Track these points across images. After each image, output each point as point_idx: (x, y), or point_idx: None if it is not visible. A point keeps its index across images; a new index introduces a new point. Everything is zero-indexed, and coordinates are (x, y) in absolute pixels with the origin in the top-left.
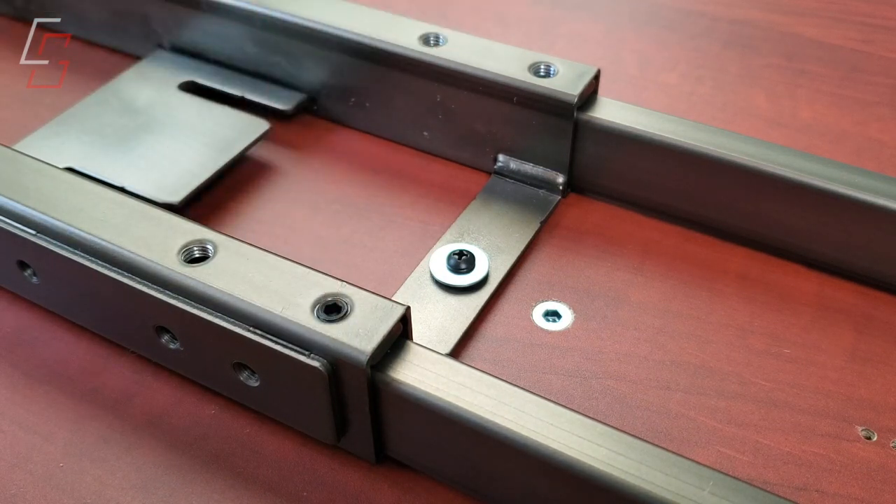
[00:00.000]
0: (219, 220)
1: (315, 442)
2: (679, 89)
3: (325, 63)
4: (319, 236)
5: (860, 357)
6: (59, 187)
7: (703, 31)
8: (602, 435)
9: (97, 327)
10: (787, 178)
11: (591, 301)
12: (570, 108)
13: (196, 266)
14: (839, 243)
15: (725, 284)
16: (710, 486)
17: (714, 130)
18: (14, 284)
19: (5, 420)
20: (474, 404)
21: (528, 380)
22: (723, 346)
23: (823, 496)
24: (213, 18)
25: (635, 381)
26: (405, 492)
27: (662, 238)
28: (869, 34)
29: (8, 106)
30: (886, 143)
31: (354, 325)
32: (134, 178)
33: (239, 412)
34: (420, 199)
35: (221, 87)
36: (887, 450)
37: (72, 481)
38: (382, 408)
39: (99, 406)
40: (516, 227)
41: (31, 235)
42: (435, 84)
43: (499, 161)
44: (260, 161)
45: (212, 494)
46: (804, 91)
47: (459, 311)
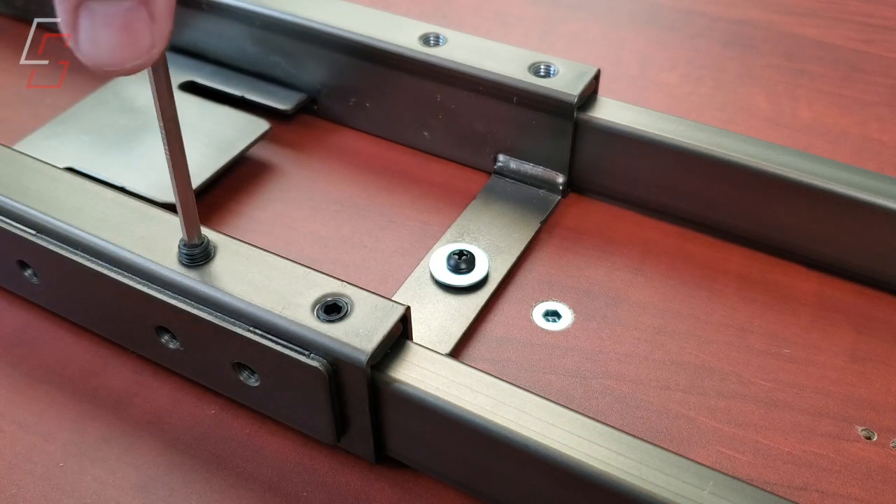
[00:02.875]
0: (219, 220)
1: (315, 442)
2: (679, 89)
3: (325, 63)
4: (319, 236)
5: (860, 357)
6: (59, 187)
7: (703, 31)
8: (602, 435)
9: (97, 327)
10: (787, 178)
11: (591, 301)
12: (570, 108)
13: (196, 266)
14: (839, 243)
15: (725, 284)
16: (710, 486)
17: (714, 130)
18: (14, 284)
19: (5, 420)
20: (474, 404)
21: (528, 380)
22: (723, 346)
23: (823, 496)
24: (213, 18)
25: (635, 381)
26: (405, 492)
27: (662, 238)
28: (869, 34)
29: (8, 106)
30: (886, 143)
31: (354, 325)
32: (134, 178)
33: (239, 412)
34: (420, 199)
35: (221, 87)
36: (887, 450)
37: (72, 481)
38: (382, 408)
39: (99, 406)
40: (516, 227)
41: (31, 235)
42: (435, 84)
43: (499, 161)
44: (260, 161)
45: (212, 494)
46: (804, 91)
47: (459, 311)
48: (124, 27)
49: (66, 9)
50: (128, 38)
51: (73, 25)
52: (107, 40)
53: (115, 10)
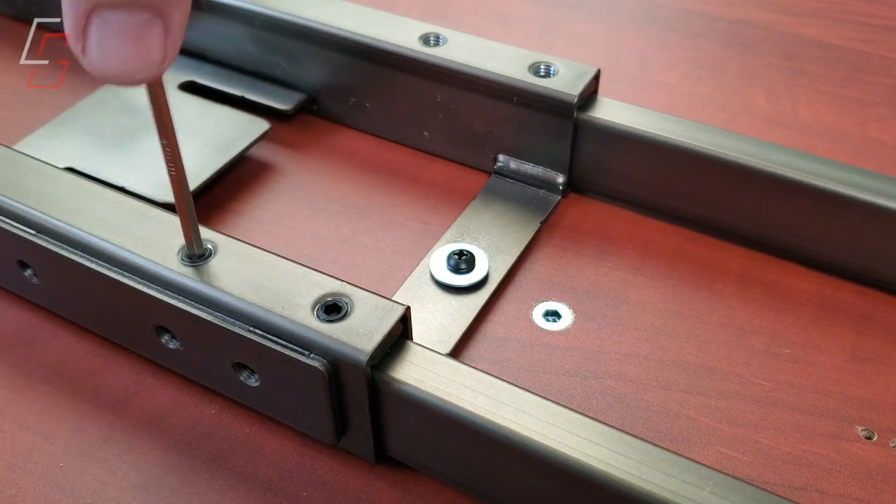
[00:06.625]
0: (219, 220)
1: (315, 442)
2: (679, 89)
3: (325, 63)
4: (319, 236)
5: (860, 357)
6: (59, 187)
7: (703, 31)
8: (602, 435)
9: (97, 327)
10: (787, 178)
11: (591, 301)
12: (570, 108)
13: (196, 266)
14: (839, 243)
15: (725, 284)
16: (710, 486)
17: (714, 130)
18: (14, 284)
19: (5, 420)
20: (474, 404)
21: (528, 380)
22: (723, 346)
23: (823, 496)
24: (213, 18)
25: (635, 381)
26: (405, 492)
27: (662, 238)
28: (869, 34)
29: (8, 106)
30: (886, 143)
31: (354, 325)
32: (134, 178)
33: (239, 412)
34: (420, 199)
35: (221, 87)
36: (887, 450)
37: (72, 481)
38: (382, 408)
39: (99, 406)
40: (516, 227)
41: (31, 235)
42: (435, 84)
43: (499, 161)
44: (260, 161)
45: (212, 494)
46: (804, 91)
47: (459, 311)
48: (138, 39)
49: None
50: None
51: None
52: (118, 51)
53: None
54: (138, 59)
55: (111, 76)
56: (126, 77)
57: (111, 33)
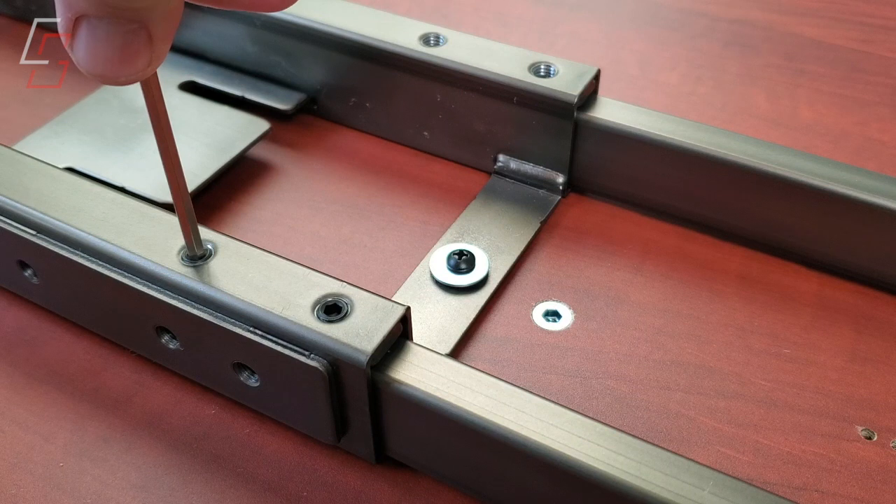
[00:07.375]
0: (219, 220)
1: (315, 442)
2: (679, 89)
3: (325, 63)
4: (319, 236)
5: (860, 357)
6: (59, 187)
7: (703, 31)
8: (602, 435)
9: (97, 327)
10: (787, 178)
11: (591, 301)
12: (570, 108)
13: (196, 266)
14: (839, 243)
15: (725, 284)
16: (710, 486)
17: (714, 130)
18: (14, 284)
19: (5, 420)
20: (474, 404)
21: (528, 380)
22: (723, 346)
23: (823, 496)
24: (213, 18)
25: (635, 381)
26: (405, 492)
27: (662, 238)
28: (869, 34)
29: (8, 106)
30: (886, 143)
31: (354, 326)
32: (134, 178)
33: (239, 412)
34: (420, 199)
35: (221, 87)
36: (887, 450)
37: (72, 481)
38: (382, 408)
39: (99, 406)
40: (516, 227)
41: (31, 235)
42: (435, 84)
43: (499, 161)
44: (260, 161)
45: (212, 494)
46: (804, 91)
47: (459, 311)
48: (124, 46)
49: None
50: (125, 55)
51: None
52: (104, 54)
53: (116, 29)
54: (123, 64)
55: (98, 75)
56: (112, 78)
57: (97, 38)
